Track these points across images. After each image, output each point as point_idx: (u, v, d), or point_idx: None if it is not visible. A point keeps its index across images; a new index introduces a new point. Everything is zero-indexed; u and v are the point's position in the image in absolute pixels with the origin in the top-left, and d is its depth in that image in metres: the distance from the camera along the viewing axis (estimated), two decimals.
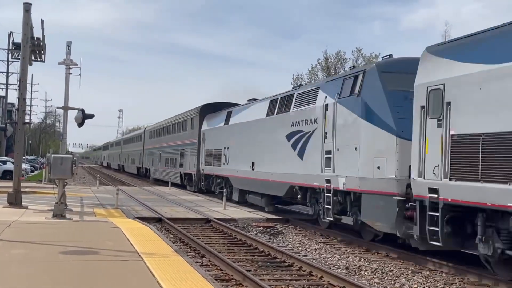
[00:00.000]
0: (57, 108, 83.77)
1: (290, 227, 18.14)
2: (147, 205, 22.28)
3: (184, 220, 18.39)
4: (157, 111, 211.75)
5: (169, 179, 38.03)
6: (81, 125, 18.22)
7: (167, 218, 18.20)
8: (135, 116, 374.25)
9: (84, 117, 18.10)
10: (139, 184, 44.28)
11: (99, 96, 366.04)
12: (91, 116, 18.52)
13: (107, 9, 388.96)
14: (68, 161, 15.93)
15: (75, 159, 16.53)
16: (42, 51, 21.39)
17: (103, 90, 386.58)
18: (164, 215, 18.81)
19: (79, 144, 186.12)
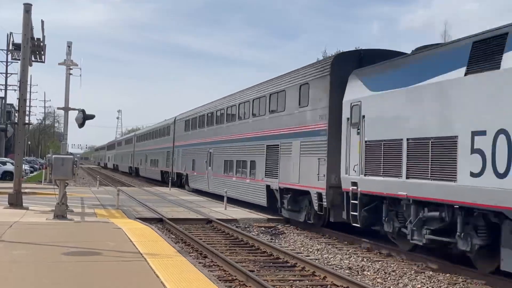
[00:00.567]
0: (57, 108, 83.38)
1: (291, 227, 18.10)
2: (147, 206, 22.25)
3: (185, 220, 18.36)
4: (156, 112, 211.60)
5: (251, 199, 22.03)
6: (81, 125, 18.18)
7: (168, 218, 18.16)
8: (134, 116, 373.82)
9: (84, 118, 18.06)
10: (138, 184, 44.24)
11: (97, 96, 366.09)
12: (92, 116, 18.48)
13: (106, 9, 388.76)
14: (69, 161, 15.88)
15: (76, 159, 16.48)
16: (42, 52, 21.38)
17: (101, 90, 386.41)
18: (165, 216, 18.78)
19: (78, 144, 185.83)
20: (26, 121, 22.14)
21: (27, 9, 18.91)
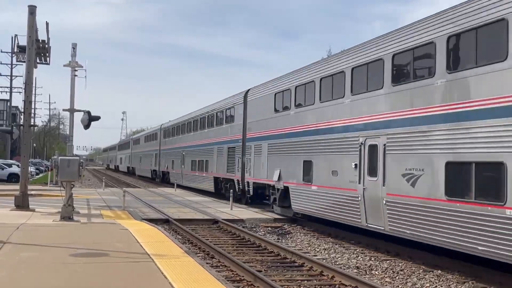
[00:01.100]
0: (63, 110, 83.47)
1: (298, 227, 18.06)
2: (154, 207, 22.24)
3: (191, 221, 18.33)
4: (161, 113, 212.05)
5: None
6: (87, 127, 18.20)
7: (175, 219, 18.14)
8: (139, 118, 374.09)
9: (90, 119, 18.09)
10: (144, 186, 44.25)
11: (101, 98, 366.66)
12: (97, 118, 18.51)
13: (110, 11, 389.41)
14: (75, 163, 15.88)
15: (82, 161, 16.48)
16: (47, 54, 21.38)
17: (105, 92, 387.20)
18: (171, 216, 18.76)
19: (83, 146, 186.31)
20: (31, 123, 22.16)
21: (32, 11, 18.94)
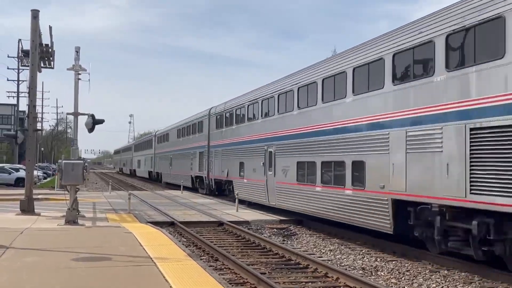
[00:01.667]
0: (67, 114, 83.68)
1: (303, 228, 17.95)
2: (159, 209, 22.20)
3: (197, 223, 18.27)
4: (168, 115, 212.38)
5: None
6: (91, 130, 18.16)
7: (180, 222, 18.08)
8: (146, 120, 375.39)
9: (94, 123, 18.04)
10: (151, 188, 44.27)
11: (109, 101, 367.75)
12: (101, 121, 18.46)
13: (114, 14, 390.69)
14: (79, 167, 15.86)
15: (86, 164, 16.46)
16: (51, 58, 21.42)
17: (111, 95, 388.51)
18: (177, 219, 18.70)
19: (91, 150, 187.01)
20: (38, 127, 22.18)
21: (35, 15, 18.96)
